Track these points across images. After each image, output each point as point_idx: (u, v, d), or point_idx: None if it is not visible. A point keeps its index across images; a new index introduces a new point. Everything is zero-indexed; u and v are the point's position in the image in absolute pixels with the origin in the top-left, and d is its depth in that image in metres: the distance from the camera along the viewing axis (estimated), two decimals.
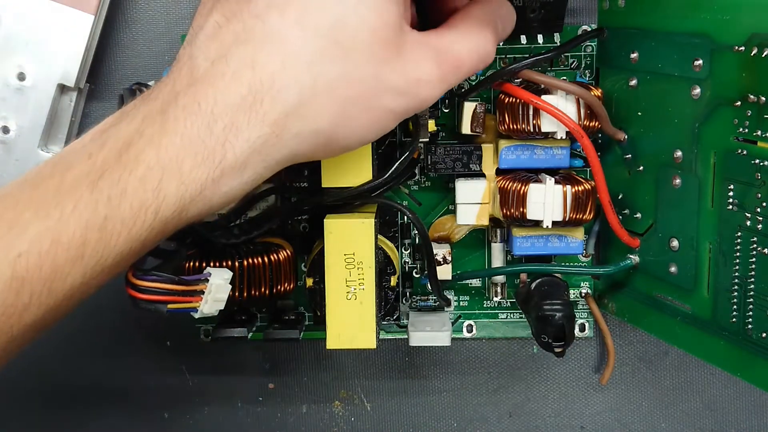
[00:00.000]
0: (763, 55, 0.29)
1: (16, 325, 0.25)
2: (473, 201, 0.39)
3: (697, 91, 0.32)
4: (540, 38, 0.40)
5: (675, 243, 0.35)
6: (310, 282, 0.38)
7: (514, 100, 0.37)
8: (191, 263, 0.37)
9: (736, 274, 0.31)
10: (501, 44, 0.39)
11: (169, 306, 0.30)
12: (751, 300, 0.31)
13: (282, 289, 0.39)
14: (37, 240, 0.25)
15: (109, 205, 0.25)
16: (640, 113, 0.36)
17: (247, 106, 0.26)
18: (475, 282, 0.43)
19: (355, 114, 0.28)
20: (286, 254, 0.39)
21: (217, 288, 0.31)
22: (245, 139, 0.27)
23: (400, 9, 0.28)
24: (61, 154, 0.27)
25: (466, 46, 0.31)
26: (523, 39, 0.39)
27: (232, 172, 0.27)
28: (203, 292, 0.31)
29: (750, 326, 0.31)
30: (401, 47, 0.28)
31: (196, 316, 0.31)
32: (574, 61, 0.41)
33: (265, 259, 0.38)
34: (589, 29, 0.40)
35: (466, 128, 0.38)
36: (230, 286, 0.32)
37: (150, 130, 0.26)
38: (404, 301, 0.43)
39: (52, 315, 0.26)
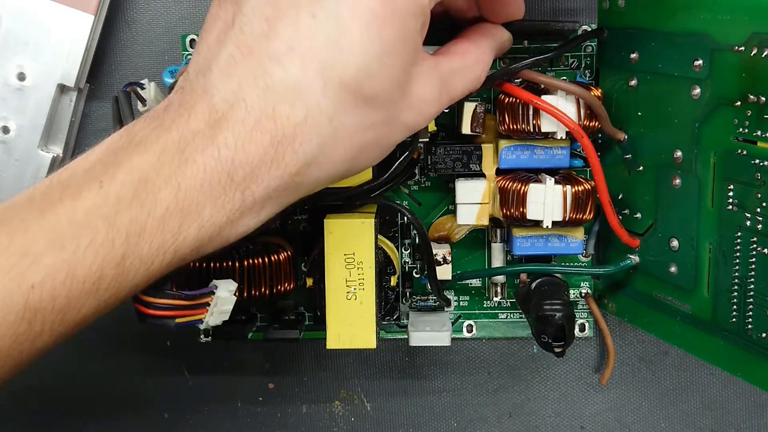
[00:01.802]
0: (763, 55, 0.29)
1: (26, 351, 0.25)
2: (473, 201, 0.39)
3: (697, 91, 0.32)
4: None
5: (675, 243, 0.35)
6: (310, 282, 0.38)
7: (514, 100, 0.37)
8: (192, 265, 0.37)
9: (736, 274, 0.31)
10: None
11: (177, 320, 0.30)
12: (751, 300, 0.31)
13: (282, 289, 0.39)
14: (52, 272, 0.24)
15: (127, 243, 0.25)
16: (640, 113, 0.36)
17: (269, 159, 0.26)
18: (475, 282, 0.43)
19: (367, 154, 0.29)
20: (286, 254, 0.39)
21: (222, 300, 0.31)
22: (265, 186, 0.27)
23: (419, 44, 0.28)
24: (67, 173, 0.26)
25: (465, 80, 0.32)
26: (525, 42, 0.39)
27: (251, 214, 0.27)
28: (209, 304, 0.31)
29: (750, 326, 0.31)
30: (412, 81, 0.28)
31: (202, 327, 0.31)
32: (574, 61, 0.41)
33: (265, 259, 0.38)
34: (589, 29, 0.40)
35: (466, 128, 0.38)
36: (235, 298, 0.32)
37: (167, 169, 0.26)
38: (404, 301, 0.43)
39: (62, 340, 0.26)
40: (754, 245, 0.30)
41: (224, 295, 0.31)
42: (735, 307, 0.32)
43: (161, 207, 0.25)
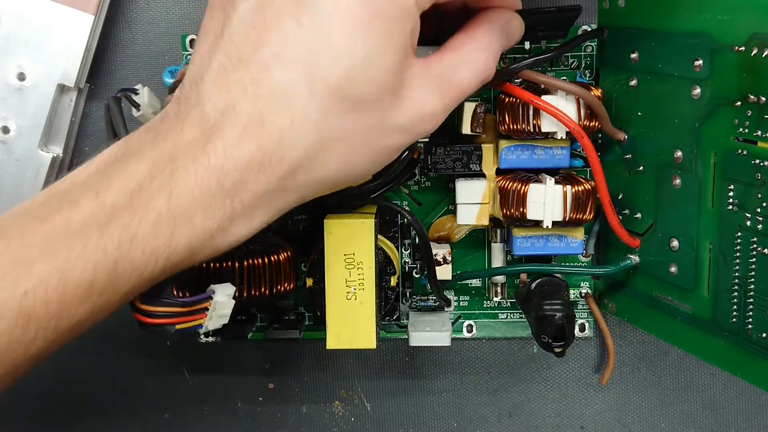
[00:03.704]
0: (763, 55, 0.29)
1: (20, 357, 0.25)
2: (473, 201, 0.39)
3: (697, 91, 0.32)
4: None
5: (675, 243, 0.35)
6: (310, 282, 0.38)
7: (514, 100, 0.37)
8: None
9: (736, 274, 0.31)
10: None
11: (177, 327, 0.30)
12: (751, 300, 0.31)
13: (282, 289, 0.39)
14: (45, 278, 0.25)
15: (119, 250, 0.25)
16: (640, 113, 0.36)
17: (256, 163, 0.26)
18: (475, 282, 0.43)
19: (360, 158, 0.29)
20: (286, 254, 0.39)
21: (221, 305, 0.32)
22: (254, 193, 0.27)
23: (408, 48, 0.28)
24: (66, 184, 0.27)
25: (468, 71, 0.30)
26: (527, 44, 0.39)
27: (241, 221, 0.27)
28: (207, 309, 0.31)
29: (750, 326, 0.31)
30: (405, 86, 0.28)
31: (202, 332, 0.31)
32: (574, 61, 0.41)
33: (265, 259, 0.38)
34: (589, 29, 0.40)
35: (466, 128, 0.38)
36: (233, 302, 0.32)
37: (160, 177, 0.26)
38: (404, 301, 0.43)
39: (57, 346, 0.26)
40: (754, 245, 0.30)
41: (222, 300, 0.32)
42: (735, 307, 0.32)
43: (153, 214, 0.26)
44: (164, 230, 0.26)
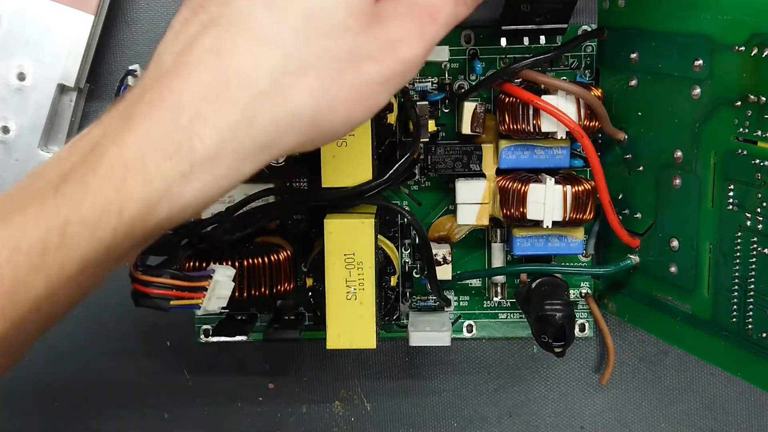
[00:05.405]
0: (763, 55, 0.29)
1: None
2: (473, 201, 0.39)
3: (698, 91, 0.32)
4: (542, 38, 0.40)
5: (675, 243, 0.35)
6: (310, 282, 0.38)
7: (514, 100, 0.37)
8: (191, 263, 0.37)
9: (736, 274, 0.31)
10: (503, 44, 0.38)
11: (173, 303, 0.30)
12: (751, 300, 0.31)
13: (282, 289, 0.39)
14: None
15: (70, 207, 0.24)
16: (640, 113, 0.36)
17: (214, 93, 0.25)
18: (475, 282, 0.43)
19: (337, 92, 0.26)
20: (286, 254, 0.39)
21: (220, 285, 0.31)
22: (213, 129, 0.25)
23: None
24: (43, 165, 0.26)
25: (442, 5, 0.28)
26: (526, 40, 0.39)
27: (203, 166, 0.25)
28: (206, 289, 0.31)
29: (750, 326, 0.31)
30: (373, 11, 0.27)
31: (199, 312, 0.31)
32: (574, 61, 0.41)
33: (265, 259, 0.38)
34: (589, 29, 0.40)
35: (466, 128, 0.38)
36: (233, 283, 0.32)
37: (114, 128, 0.25)
38: (404, 301, 0.43)
39: (20, 329, 0.25)
40: (755, 245, 0.30)
41: (222, 280, 0.31)
42: (735, 307, 0.32)
43: (106, 165, 0.24)
44: (115, 179, 0.24)
